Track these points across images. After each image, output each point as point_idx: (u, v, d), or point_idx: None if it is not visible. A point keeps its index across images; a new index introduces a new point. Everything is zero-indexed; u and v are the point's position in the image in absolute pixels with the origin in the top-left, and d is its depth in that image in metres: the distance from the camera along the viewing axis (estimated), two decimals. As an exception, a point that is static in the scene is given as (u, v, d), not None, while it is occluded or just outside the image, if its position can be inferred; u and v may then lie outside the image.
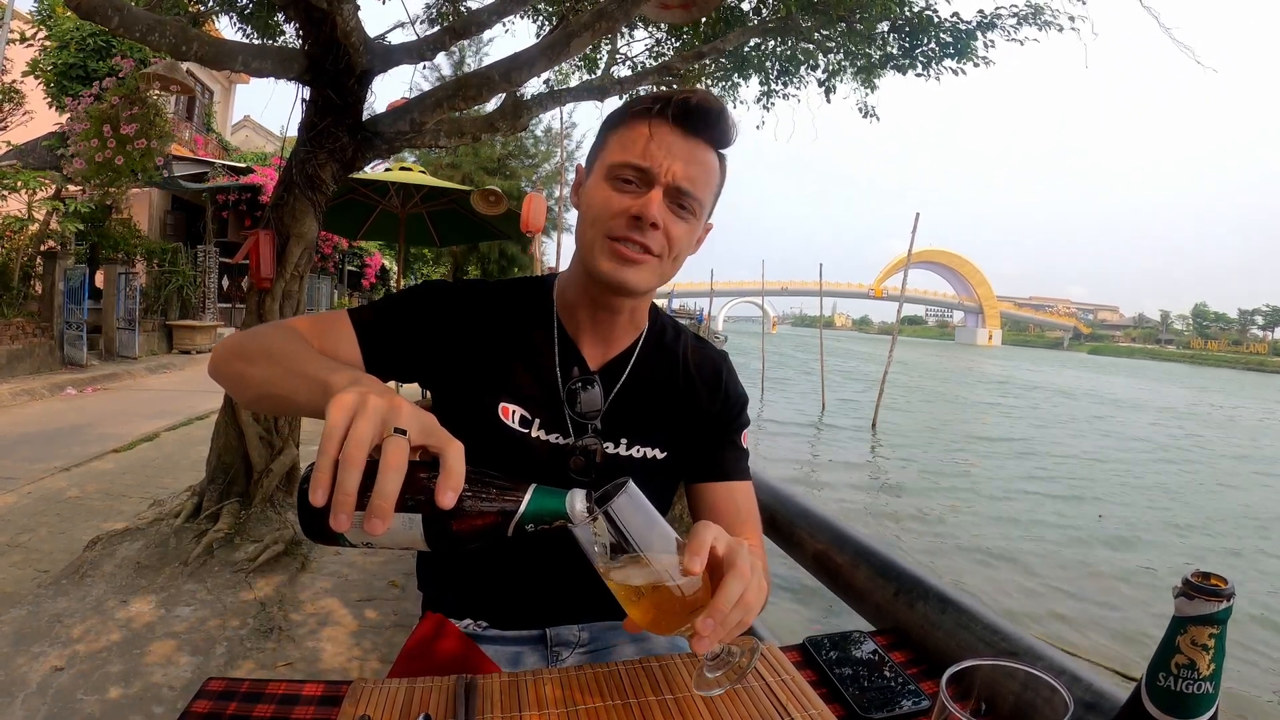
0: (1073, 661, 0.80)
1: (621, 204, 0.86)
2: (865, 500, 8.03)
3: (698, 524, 0.69)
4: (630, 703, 0.74)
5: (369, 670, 2.43)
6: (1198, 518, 8.21)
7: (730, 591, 0.63)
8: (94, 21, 2.85)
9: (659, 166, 0.85)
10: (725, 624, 0.63)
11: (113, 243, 10.45)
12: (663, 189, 0.85)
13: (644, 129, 0.86)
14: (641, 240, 0.86)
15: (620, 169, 0.86)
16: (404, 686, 0.76)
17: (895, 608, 1.00)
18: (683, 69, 4.88)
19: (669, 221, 0.87)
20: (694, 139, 0.87)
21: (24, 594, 2.82)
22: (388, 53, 3.56)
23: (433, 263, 22.71)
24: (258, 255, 3.37)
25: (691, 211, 0.89)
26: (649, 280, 0.90)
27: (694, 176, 0.87)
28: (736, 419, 1.05)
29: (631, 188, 0.86)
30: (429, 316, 0.95)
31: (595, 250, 0.88)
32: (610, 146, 0.90)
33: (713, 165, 0.90)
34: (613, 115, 0.93)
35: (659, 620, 0.67)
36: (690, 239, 0.91)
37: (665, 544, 0.66)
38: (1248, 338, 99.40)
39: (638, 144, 0.86)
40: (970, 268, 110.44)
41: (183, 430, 6.18)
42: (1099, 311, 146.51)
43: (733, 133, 0.90)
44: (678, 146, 0.86)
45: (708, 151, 0.89)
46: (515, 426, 0.94)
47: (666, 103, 0.86)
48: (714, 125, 0.87)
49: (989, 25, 4.86)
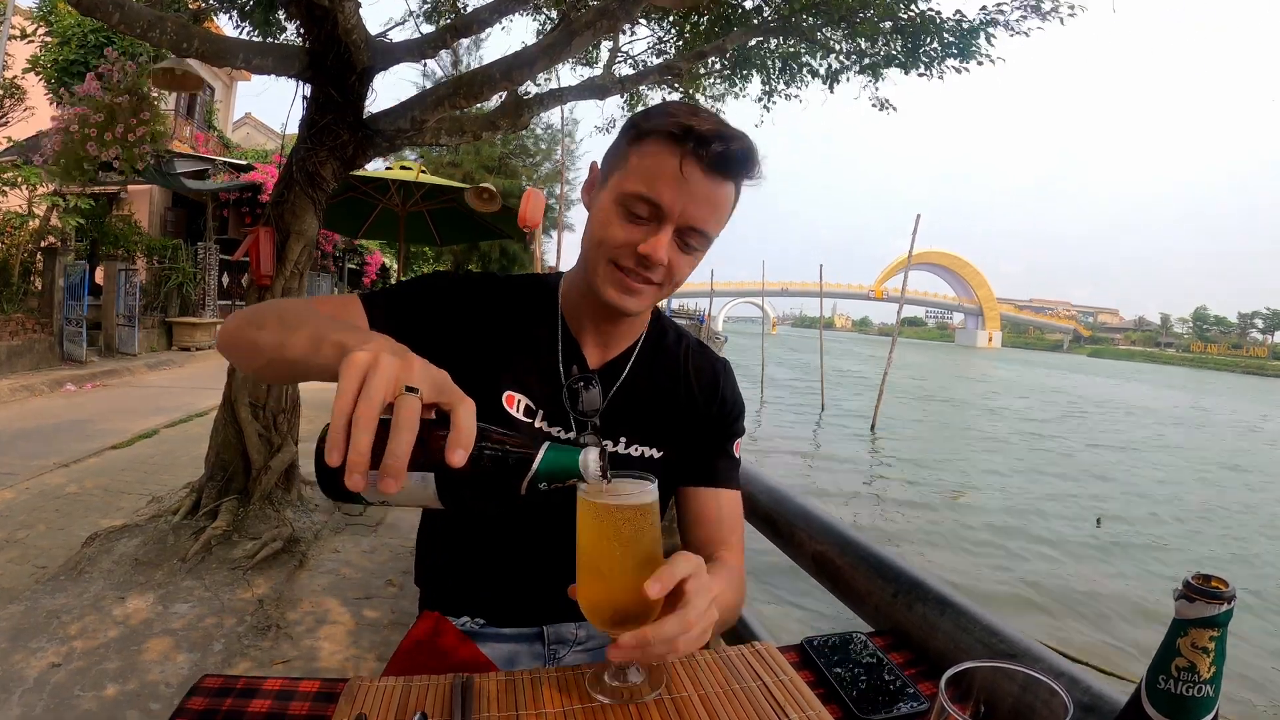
0: (1071, 664, 0.80)
1: (630, 237, 0.84)
2: (864, 499, 8.04)
3: (679, 554, 0.70)
4: (627, 702, 0.74)
5: (366, 669, 2.43)
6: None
7: (666, 629, 0.66)
8: (94, 18, 2.85)
9: (675, 208, 0.82)
10: (645, 651, 0.66)
11: (113, 239, 10.45)
12: (673, 228, 0.84)
13: (672, 164, 0.81)
14: (645, 275, 0.86)
15: (636, 201, 0.83)
16: (400, 684, 0.76)
17: (894, 609, 1.00)
18: (685, 68, 4.88)
19: (674, 257, 0.86)
20: (720, 179, 0.83)
21: (21, 590, 2.82)
22: (389, 50, 3.56)
23: (433, 261, 22.70)
24: (258, 252, 3.37)
25: (699, 248, 0.88)
26: (648, 303, 0.91)
27: (708, 217, 0.85)
28: (731, 425, 1.05)
29: (643, 221, 0.84)
30: (439, 305, 0.95)
31: (599, 273, 0.88)
32: (630, 167, 0.84)
33: (729, 200, 0.87)
34: (641, 123, 0.86)
35: (598, 605, 0.70)
36: (693, 269, 0.91)
37: (653, 546, 0.69)
38: (1247, 341, 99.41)
39: (660, 179, 0.82)
40: (971, 269, 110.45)
41: (182, 427, 6.18)
42: (1099, 314, 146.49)
43: (758, 170, 0.86)
44: (701, 189, 0.82)
45: (728, 188, 0.86)
46: (519, 416, 0.95)
47: (702, 142, 0.80)
48: (743, 165, 0.84)
49: (992, 21, 4.85)
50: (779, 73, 5.46)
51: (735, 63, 5.36)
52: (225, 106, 17.85)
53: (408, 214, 7.08)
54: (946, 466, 10.45)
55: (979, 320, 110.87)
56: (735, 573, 0.96)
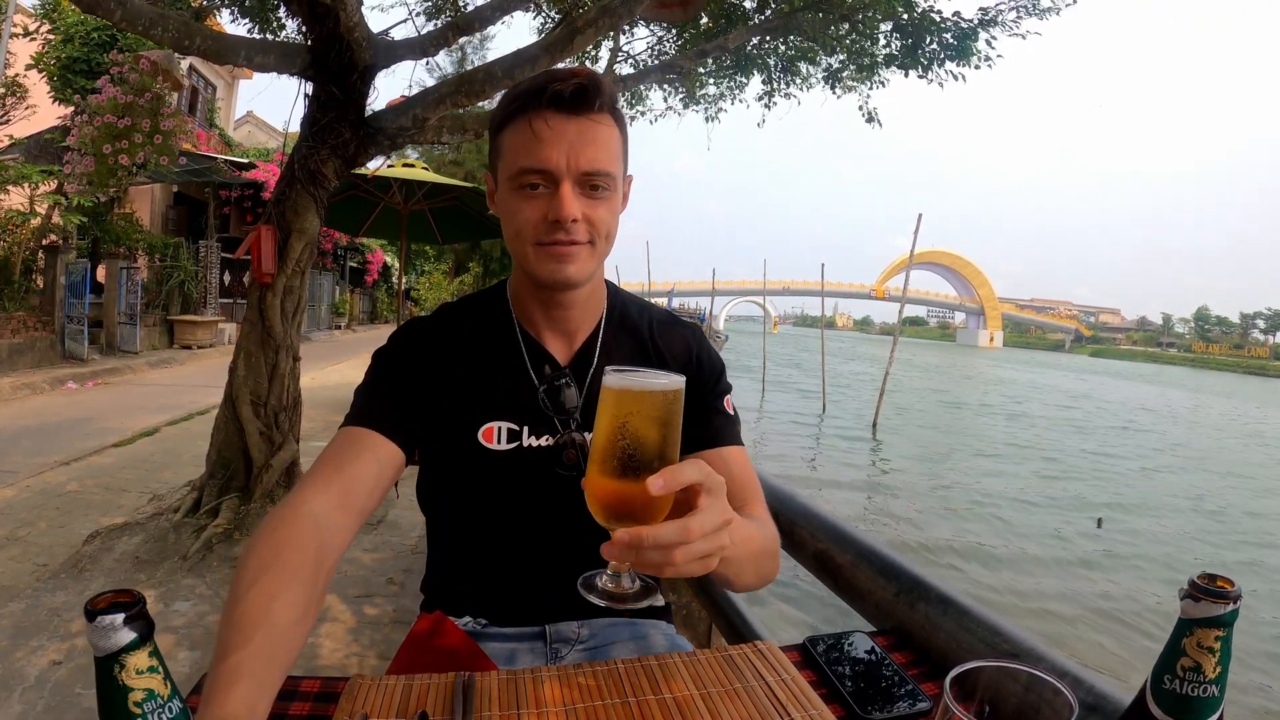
0: (1074, 664, 0.80)
1: (536, 211, 0.85)
2: (863, 499, 8.04)
3: (691, 459, 0.66)
4: (629, 701, 0.74)
5: (367, 667, 2.43)
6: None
7: (663, 533, 0.61)
8: (97, 15, 2.85)
9: (558, 162, 0.83)
10: (639, 553, 0.62)
11: (114, 237, 10.46)
12: (571, 181, 0.84)
13: (533, 125, 0.83)
14: (567, 237, 0.86)
15: (522, 176, 0.85)
16: (401, 683, 0.76)
17: (896, 608, 0.99)
18: (686, 67, 4.88)
19: (587, 209, 0.86)
20: (583, 116, 0.84)
21: (23, 588, 2.82)
22: (390, 48, 3.56)
23: (434, 260, 22.69)
24: (259, 251, 3.37)
25: (607, 188, 0.87)
26: (588, 267, 0.89)
27: (596, 156, 0.84)
28: (715, 385, 1.03)
29: (540, 190, 0.85)
30: (406, 366, 0.95)
31: (528, 258, 0.89)
32: (505, 151, 0.87)
33: (611, 133, 0.87)
34: (496, 115, 0.89)
35: (600, 494, 0.66)
36: (614, 214, 0.90)
37: (665, 445, 0.66)
38: (1249, 341, 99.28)
39: (529, 145, 0.84)
40: (972, 269, 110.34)
41: (183, 425, 6.19)
42: (1100, 314, 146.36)
43: (615, 93, 0.87)
44: (570, 132, 0.83)
45: (600, 123, 0.85)
46: (503, 446, 0.94)
47: (542, 92, 0.82)
48: (596, 95, 0.84)
49: (990, 22, 4.85)
50: (780, 72, 5.46)
51: (736, 62, 5.36)
52: (227, 105, 17.84)
53: (409, 212, 7.07)
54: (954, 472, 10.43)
55: (980, 320, 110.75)
56: (764, 522, 0.92)
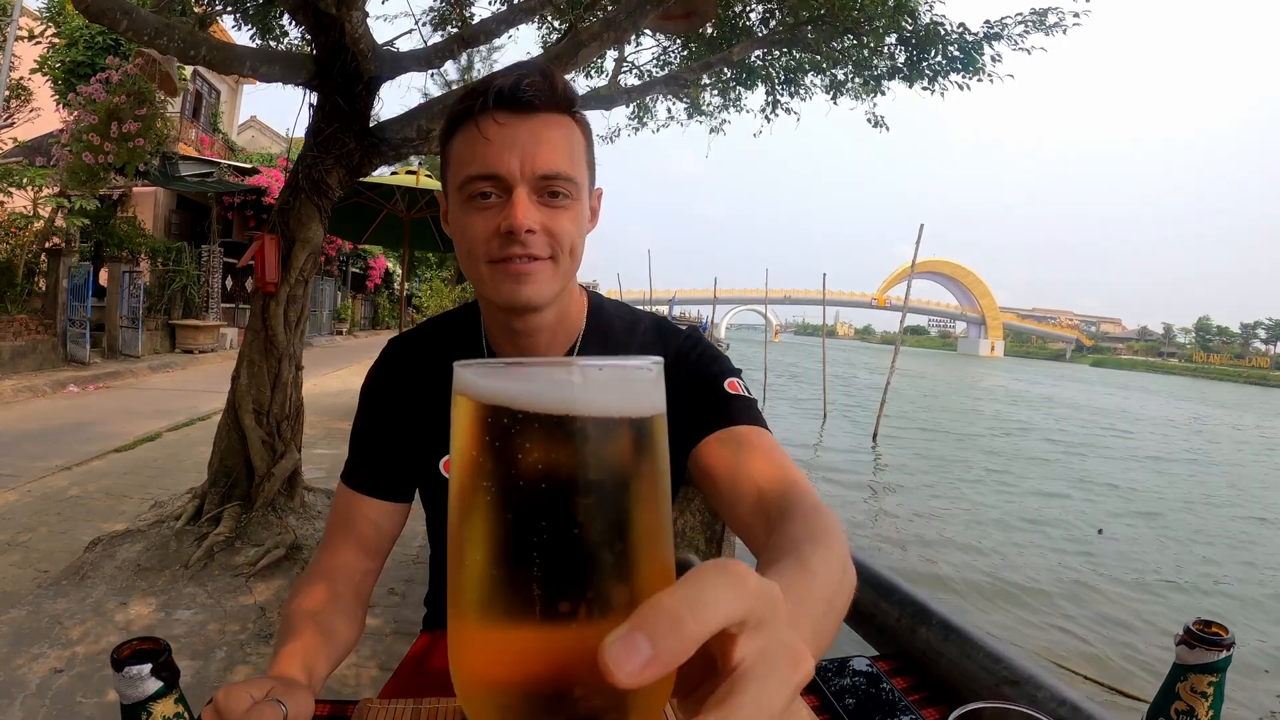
0: (1074, 691, 0.81)
1: (488, 224, 0.75)
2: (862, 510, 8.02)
3: (711, 565, 0.29)
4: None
5: (368, 677, 2.43)
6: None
7: None
8: (102, 24, 2.87)
9: (510, 166, 0.73)
10: None
11: (117, 241, 10.50)
12: (526, 187, 0.74)
13: (475, 129, 0.74)
14: (523, 252, 0.75)
15: (471, 184, 0.75)
16: (410, 707, 0.77)
17: (898, 633, 1.00)
18: (690, 78, 4.91)
19: (547, 219, 0.75)
20: (536, 115, 0.75)
21: (24, 594, 2.83)
22: (396, 60, 3.58)
23: (436, 267, 22.73)
24: (263, 259, 3.38)
25: (568, 194, 0.76)
26: (551, 287, 0.78)
27: (553, 157, 0.74)
28: (714, 371, 0.88)
29: (491, 200, 0.75)
30: (382, 409, 0.92)
31: (482, 279, 0.78)
32: (453, 161, 0.78)
33: (569, 133, 0.77)
34: (443, 125, 0.80)
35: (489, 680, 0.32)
36: (579, 225, 0.79)
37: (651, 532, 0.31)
38: (1250, 351, 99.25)
39: (476, 149, 0.74)
40: (973, 278, 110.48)
41: (184, 430, 6.19)
42: (1101, 323, 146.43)
43: (571, 90, 0.78)
44: (522, 132, 0.74)
45: (557, 122, 0.76)
46: None
47: (486, 92, 0.74)
48: (549, 90, 0.75)
49: (995, 36, 4.87)
50: (783, 84, 5.49)
51: (740, 74, 5.39)
52: (230, 109, 17.92)
53: (412, 220, 7.10)
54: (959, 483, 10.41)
55: (981, 329, 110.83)
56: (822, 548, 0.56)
